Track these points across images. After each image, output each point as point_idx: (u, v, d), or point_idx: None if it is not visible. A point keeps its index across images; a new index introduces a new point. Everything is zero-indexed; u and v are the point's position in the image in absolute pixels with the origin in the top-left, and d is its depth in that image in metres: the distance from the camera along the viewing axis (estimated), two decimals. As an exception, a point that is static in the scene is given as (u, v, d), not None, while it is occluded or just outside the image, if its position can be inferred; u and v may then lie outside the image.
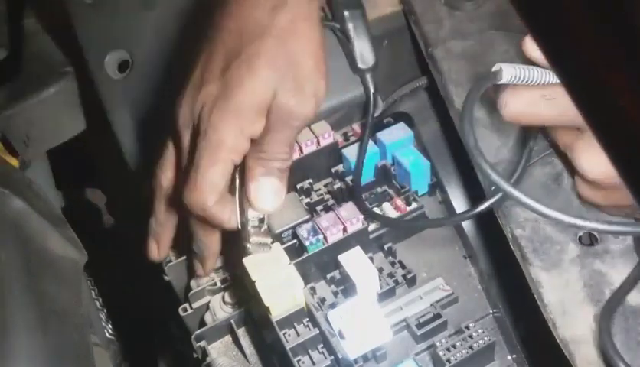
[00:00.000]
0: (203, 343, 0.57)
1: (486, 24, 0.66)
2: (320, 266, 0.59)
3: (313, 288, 0.59)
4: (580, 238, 0.54)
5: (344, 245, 0.58)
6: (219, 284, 0.59)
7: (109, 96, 0.69)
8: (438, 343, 0.53)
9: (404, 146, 0.63)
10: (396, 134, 0.64)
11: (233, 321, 0.57)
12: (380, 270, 0.59)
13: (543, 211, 0.48)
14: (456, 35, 0.65)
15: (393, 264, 0.60)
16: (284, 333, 0.53)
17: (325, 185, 0.65)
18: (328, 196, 0.63)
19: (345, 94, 0.65)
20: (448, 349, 0.53)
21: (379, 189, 0.63)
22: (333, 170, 0.64)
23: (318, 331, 0.53)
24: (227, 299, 0.58)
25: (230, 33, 0.54)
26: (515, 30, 0.64)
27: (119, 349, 0.68)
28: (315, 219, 0.59)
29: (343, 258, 0.57)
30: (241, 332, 0.58)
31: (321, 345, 0.53)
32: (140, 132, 0.68)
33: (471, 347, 0.53)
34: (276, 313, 0.53)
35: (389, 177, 0.63)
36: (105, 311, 0.69)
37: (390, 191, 0.63)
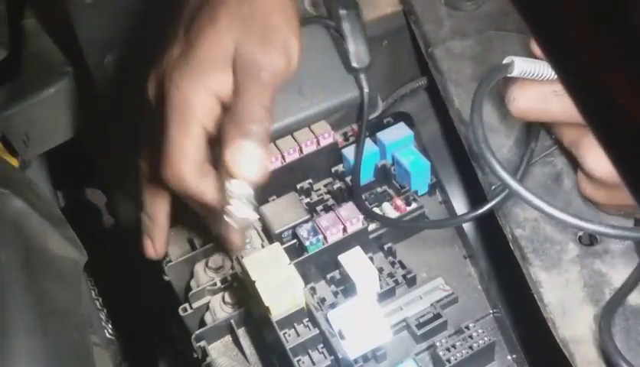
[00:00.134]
0: (203, 343, 0.57)
1: (486, 24, 0.66)
2: (320, 266, 0.59)
3: (313, 288, 0.59)
4: (580, 238, 0.54)
5: (344, 245, 0.58)
6: (219, 284, 0.59)
7: (108, 96, 0.69)
8: (438, 343, 0.53)
9: (404, 146, 0.63)
10: (396, 134, 0.64)
11: (233, 321, 0.57)
12: (380, 270, 0.59)
13: (556, 214, 0.48)
14: (456, 35, 0.65)
15: (393, 264, 0.60)
16: (284, 333, 0.53)
17: (325, 185, 0.65)
18: (327, 196, 0.63)
19: (345, 94, 0.65)
20: (448, 349, 0.53)
21: (379, 189, 0.63)
22: (333, 170, 0.64)
23: (318, 331, 0.53)
24: (227, 299, 0.58)
25: None
26: (515, 31, 0.64)
27: (119, 349, 0.68)
28: (315, 219, 0.59)
29: (343, 258, 0.57)
30: (241, 332, 0.58)
31: (321, 345, 0.53)
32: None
33: (471, 347, 0.53)
34: (276, 313, 0.53)
35: (389, 177, 0.63)
36: (105, 311, 0.69)
37: (390, 191, 0.63)
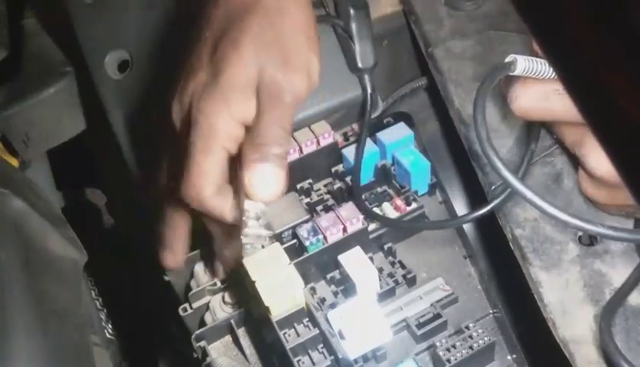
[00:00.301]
0: (203, 343, 0.57)
1: (486, 24, 0.66)
2: (320, 266, 0.59)
3: (313, 288, 0.59)
4: (580, 238, 0.54)
5: (344, 245, 0.58)
6: (219, 284, 0.59)
7: (109, 96, 0.69)
8: (438, 343, 0.53)
9: (404, 146, 0.63)
10: (396, 134, 0.64)
11: (233, 321, 0.57)
12: (380, 270, 0.59)
13: (562, 217, 0.48)
14: (456, 35, 0.65)
15: (393, 264, 0.60)
16: (284, 333, 0.53)
17: (325, 185, 0.65)
18: (327, 196, 0.63)
19: (345, 94, 0.65)
20: (448, 349, 0.53)
21: (379, 189, 0.63)
22: (333, 170, 0.64)
23: (318, 331, 0.53)
24: (227, 299, 0.58)
25: (217, 17, 0.53)
26: (515, 30, 0.64)
27: (119, 349, 0.68)
28: (315, 219, 0.59)
29: (343, 258, 0.57)
30: (241, 332, 0.58)
31: (321, 345, 0.53)
32: (140, 132, 0.68)
33: (471, 347, 0.53)
34: (276, 313, 0.53)
35: (389, 177, 0.63)
36: (105, 311, 0.69)
37: (390, 191, 0.63)
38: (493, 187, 0.57)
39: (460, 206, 0.64)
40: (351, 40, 0.65)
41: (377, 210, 0.60)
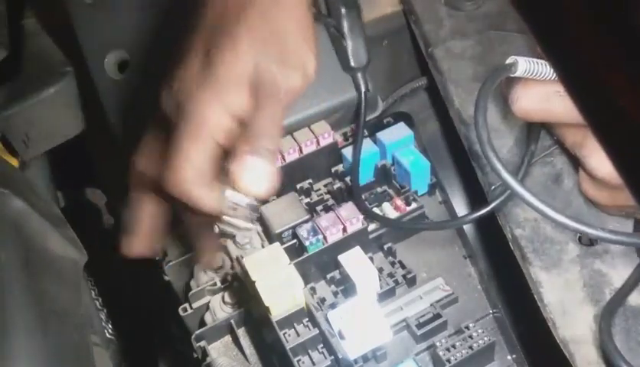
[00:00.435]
0: (203, 343, 0.57)
1: (486, 24, 0.66)
2: (320, 266, 0.59)
3: (313, 288, 0.59)
4: (580, 238, 0.54)
5: (343, 245, 0.58)
6: (219, 284, 0.59)
7: (108, 96, 0.69)
8: (438, 343, 0.53)
9: (404, 146, 0.63)
10: (396, 134, 0.64)
11: (233, 321, 0.57)
12: (380, 270, 0.59)
13: (562, 220, 0.48)
14: (456, 35, 0.65)
15: (393, 264, 0.60)
16: (284, 333, 0.53)
17: (325, 185, 0.65)
18: (327, 196, 0.63)
19: (344, 94, 0.65)
20: (448, 349, 0.53)
21: (379, 189, 0.63)
22: (333, 170, 0.64)
23: (318, 331, 0.53)
24: (227, 299, 0.58)
25: (214, 10, 0.52)
26: (515, 30, 0.64)
27: (119, 349, 0.68)
28: (315, 219, 0.59)
29: (343, 258, 0.57)
30: (241, 332, 0.58)
31: (321, 345, 0.53)
32: (140, 133, 0.68)
33: (471, 347, 0.53)
34: (276, 313, 0.53)
35: (389, 177, 0.63)
36: (105, 311, 0.69)
37: (390, 191, 0.63)
38: (493, 187, 0.57)
39: (460, 206, 0.64)
40: (343, 39, 0.65)
41: (377, 210, 0.60)
